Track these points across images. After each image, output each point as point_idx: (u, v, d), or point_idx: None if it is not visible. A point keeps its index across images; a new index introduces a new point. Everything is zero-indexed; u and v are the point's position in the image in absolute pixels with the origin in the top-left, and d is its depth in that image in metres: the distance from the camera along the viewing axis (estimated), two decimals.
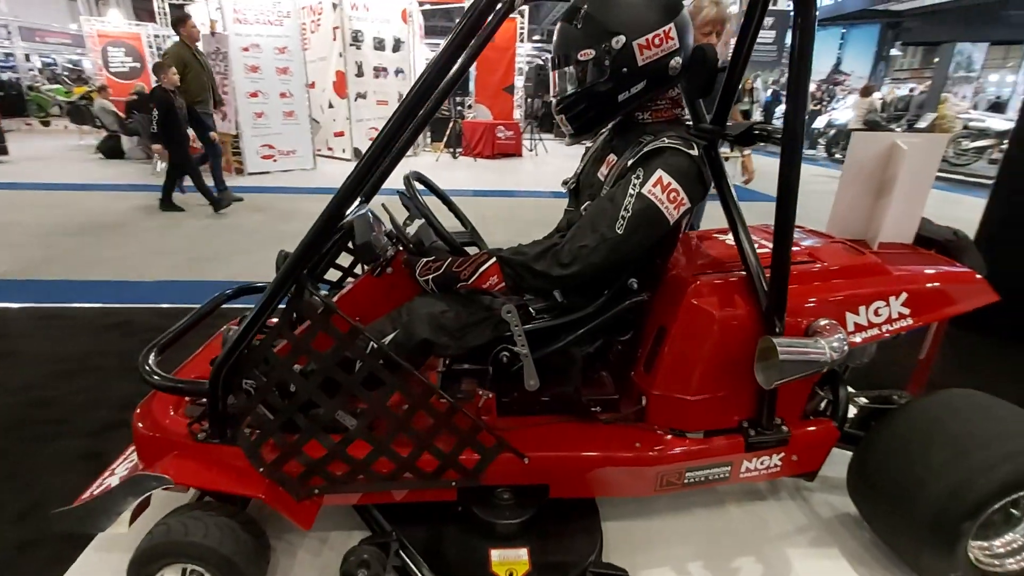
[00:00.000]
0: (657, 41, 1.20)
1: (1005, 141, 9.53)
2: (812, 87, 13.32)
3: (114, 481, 1.38)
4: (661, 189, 1.20)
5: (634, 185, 1.21)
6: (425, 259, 1.36)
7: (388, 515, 1.41)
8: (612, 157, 1.37)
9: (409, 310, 1.32)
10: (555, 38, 1.31)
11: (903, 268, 1.45)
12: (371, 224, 1.50)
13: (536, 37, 13.70)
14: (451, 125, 9.81)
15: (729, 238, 1.64)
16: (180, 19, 5.52)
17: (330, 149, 9.37)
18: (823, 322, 1.34)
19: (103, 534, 1.35)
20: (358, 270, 1.94)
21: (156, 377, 1.31)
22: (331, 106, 9.11)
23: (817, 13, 1.04)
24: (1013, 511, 1.37)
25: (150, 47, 11.64)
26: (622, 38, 1.20)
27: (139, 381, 2.19)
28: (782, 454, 1.45)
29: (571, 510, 1.42)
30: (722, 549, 1.52)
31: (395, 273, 1.51)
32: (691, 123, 1.51)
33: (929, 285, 1.42)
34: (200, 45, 5.72)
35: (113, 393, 2.21)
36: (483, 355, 1.36)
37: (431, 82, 1.05)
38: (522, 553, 1.28)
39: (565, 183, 1.62)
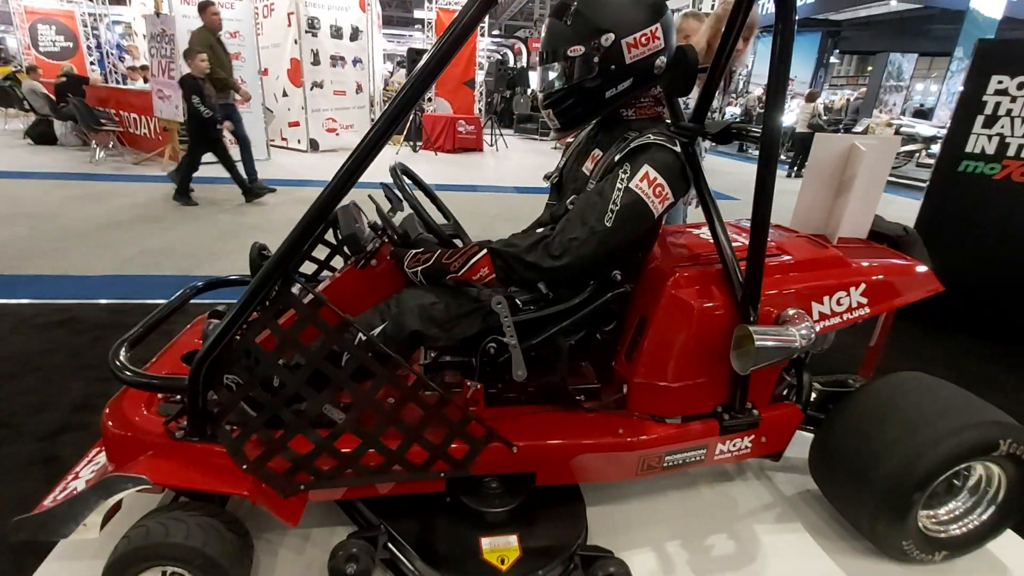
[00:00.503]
0: (644, 40, 1.24)
1: (932, 146, 10.30)
2: (759, 91, 13.80)
3: (79, 485, 1.32)
4: (648, 184, 1.24)
5: (621, 180, 1.25)
6: (414, 251, 1.36)
7: (374, 509, 1.41)
8: (597, 152, 1.40)
9: (398, 302, 1.31)
10: (544, 34, 1.33)
11: (861, 261, 1.56)
12: (355, 215, 1.48)
13: (495, 32, 13.69)
14: (411, 118, 9.66)
15: (702, 232, 1.72)
16: (204, 5, 5.44)
17: (284, 139, 9.07)
18: (791, 311, 1.43)
19: (66, 542, 1.29)
20: (335, 263, 1.91)
21: (128, 373, 1.25)
22: (285, 95, 8.81)
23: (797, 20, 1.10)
24: (955, 482, 1.50)
25: (85, 26, 10.88)
26: (611, 36, 1.23)
27: (91, 380, 2.09)
28: (752, 436, 1.54)
29: (556, 496, 1.45)
30: (697, 528, 1.59)
31: (379, 265, 1.49)
32: (670, 121, 1.56)
33: (885, 277, 1.53)
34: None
35: (63, 394, 2.08)
36: (468, 347, 1.38)
37: (432, 71, 1.05)
38: (512, 539, 1.31)
39: (547, 177, 1.65)
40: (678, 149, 1.28)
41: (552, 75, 1.34)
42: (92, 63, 11.62)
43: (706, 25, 2.49)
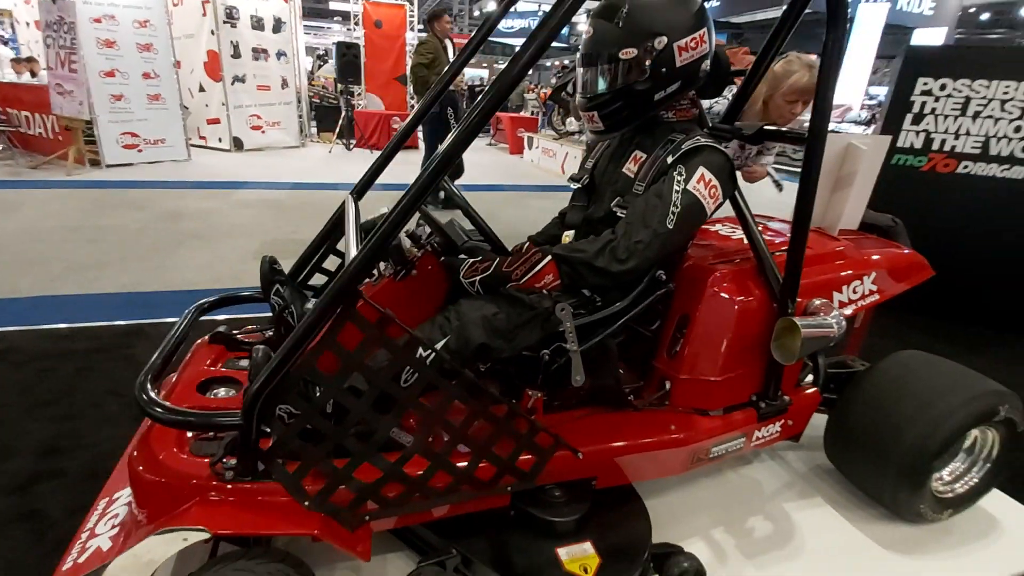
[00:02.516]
0: (694, 44, 1.27)
1: None
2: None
3: (103, 543, 1.15)
4: (704, 185, 1.27)
5: (678, 182, 1.26)
6: (471, 260, 1.30)
7: (435, 532, 1.34)
8: (639, 154, 1.41)
9: (459, 315, 1.26)
10: (591, 35, 1.31)
11: (867, 251, 1.69)
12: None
13: (420, 27, 13.31)
14: (343, 115, 9.26)
15: (721, 228, 1.79)
16: (436, 15, 5.52)
17: (203, 138, 8.38)
18: (817, 302, 1.51)
19: None
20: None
21: (163, 411, 1.10)
22: (202, 90, 8.14)
23: (848, 27, 1.16)
24: (952, 447, 1.67)
25: None
26: (664, 39, 1.24)
27: (52, 420, 1.89)
28: (782, 421, 1.62)
29: (614, 497, 1.46)
30: (734, 513, 1.66)
31: (418, 276, 1.42)
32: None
33: (890, 265, 1.67)
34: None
35: (23, 439, 1.81)
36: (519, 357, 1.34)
37: (520, 73, 1.00)
38: (587, 547, 1.30)
39: (574, 179, 1.64)
40: (727, 151, 1.32)
41: (599, 78, 1.33)
42: None
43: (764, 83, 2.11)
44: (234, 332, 1.68)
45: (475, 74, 22.75)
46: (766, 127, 1.52)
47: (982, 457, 1.65)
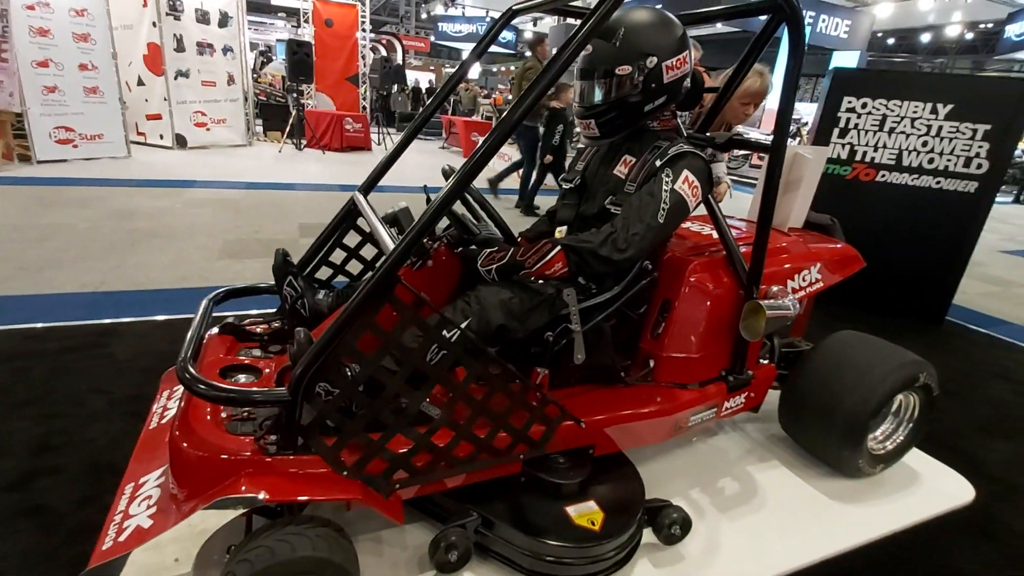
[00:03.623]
0: (679, 64, 1.47)
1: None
2: None
3: (143, 522, 1.20)
4: (688, 186, 1.47)
5: (666, 183, 1.46)
6: (488, 250, 1.44)
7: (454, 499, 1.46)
8: (629, 158, 1.60)
9: (478, 299, 1.39)
10: (590, 52, 1.49)
11: (812, 245, 1.96)
12: (414, 218, 1.51)
13: (382, 28, 13.23)
14: (293, 114, 9.06)
15: (691, 225, 2.02)
16: (539, 40, 6.11)
17: (141, 134, 7.97)
18: (775, 288, 1.77)
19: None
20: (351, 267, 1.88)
21: (211, 389, 1.17)
22: (141, 83, 7.75)
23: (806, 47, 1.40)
24: (884, 408, 1.97)
25: None
26: (655, 59, 1.44)
27: (38, 419, 1.92)
28: (746, 393, 1.86)
29: (610, 464, 1.63)
30: (706, 476, 1.88)
31: (434, 265, 1.54)
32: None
33: (831, 256, 1.95)
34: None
35: (10, 438, 1.77)
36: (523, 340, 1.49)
37: (558, 73, 1.15)
38: (592, 504, 1.46)
39: (566, 180, 1.81)
40: (706, 156, 1.53)
41: (597, 90, 1.51)
42: None
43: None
44: (242, 323, 1.73)
45: (423, 77, 22.70)
46: (735, 137, 1.75)
47: (906, 419, 1.95)
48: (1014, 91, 3.44)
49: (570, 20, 1.38)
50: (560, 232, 1.74)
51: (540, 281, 1.47)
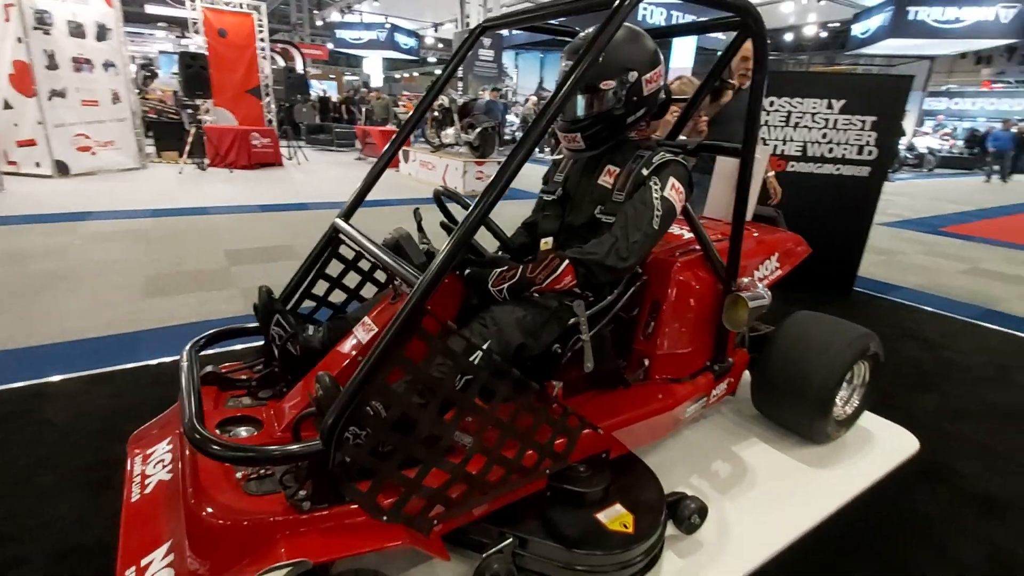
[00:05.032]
0: (656, 77, 1.55)
1: None
2: (532, 100, 15.64)
3: None
4: (675, 192, 1.55)
5: (655, 191, 1.53)
6: (499, 269, 1.43)
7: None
8: (613, 168, 1.65)
9: (494, 320, 1.39)
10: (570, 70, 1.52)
11: (769, 237, 2.14)
12: (417, 242, 1.47)
13: (274, 36, 12.40)
14: (191, 131, 8.37)
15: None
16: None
17: (13, 163, 7.01)
18: (745, 280, 1.91)
19: None
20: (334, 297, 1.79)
21: (226, 448, 1.08)
22: (8, 107, 6.81)
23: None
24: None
25: None
26: (636, 73, 1.50)
27: None
28: (728, 379, 1.99)
29: (624, 466, 1.67)
30: (698, 462, 1.99)
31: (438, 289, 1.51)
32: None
33: (785, 246, 2.13)
34: None
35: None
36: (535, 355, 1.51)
37: (560, 105, 1.17)
38: (619, 508, 1.50)
39: (547, 192, 1.83)
40: (686, 163, 1.62)
41: (581, 104, 1.55)
42: None
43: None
44: (222, 371, 1.60)
45: (327, 86, 21.87)
46: (702, 142, 1.87)
47: (859, 385, 2.18)
48: (892, 86, 3.95)
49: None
50: (546, 243, 1.76)
51: (538, 296, 1.48)
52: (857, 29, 14.73)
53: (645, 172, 1.56)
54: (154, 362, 2.55)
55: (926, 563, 1.64)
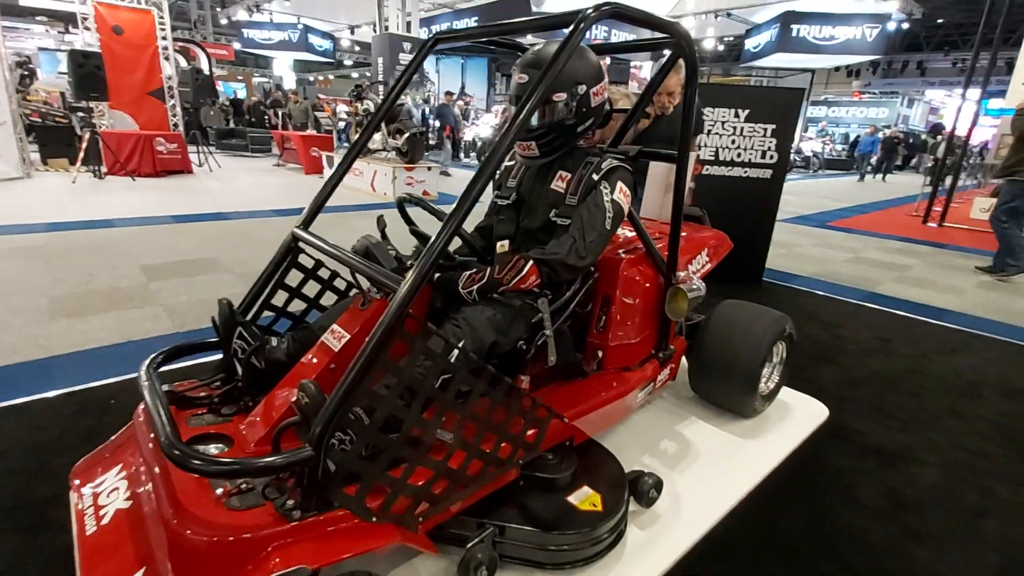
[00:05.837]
0: (601, 89, 1.69)
1: None
2: (462, 103, 15.69)
3: None
4: (623, 194, 1.70)
5: (606, 194, 1.67)
6: (467, 272, 1.50)
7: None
8: (564, 173, 1.77)
9: (467, 320, 1.45)
10: (526, 81, 1.62)
11: (697, 234, 2.36)
12: (387, 249, 1.50)
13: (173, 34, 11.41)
14: (86, 136, 7.63)
15: None
16: None
17: None
18: (681, 274, 2.10)
19: None
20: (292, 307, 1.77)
21: (209, 463, 1.07)
22: None
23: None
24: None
25: None
26: (584, 86, 1.63)
27: None
28: (670, 365, 2.18)
29: (586, 450, 1.79)
30: (649, 442, 2.17)
31: None
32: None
33: (712, 242, 2.36)
34: None
35: None
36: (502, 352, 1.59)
37: (524, 122, 1.26)
38: (587, 490, 1.61)
39: (501, 196, 1.92)
40: (631, 169, 1.78)
41: (536, 115, 1.66)
42: None
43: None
44: (178, 389, 1.54)
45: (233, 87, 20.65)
46: (643, 149, 2.05)
47: (778, 363, 2.46)
48: (786, 98, 4.43)
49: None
50: (502, 246, 1.85)
51: (504, 296, 1.57)
52: (749, 44, 16.13)
53: (596, 177, 1.70)
54: (77, 388, 2.35)
55: (840, 505, 1.91)
